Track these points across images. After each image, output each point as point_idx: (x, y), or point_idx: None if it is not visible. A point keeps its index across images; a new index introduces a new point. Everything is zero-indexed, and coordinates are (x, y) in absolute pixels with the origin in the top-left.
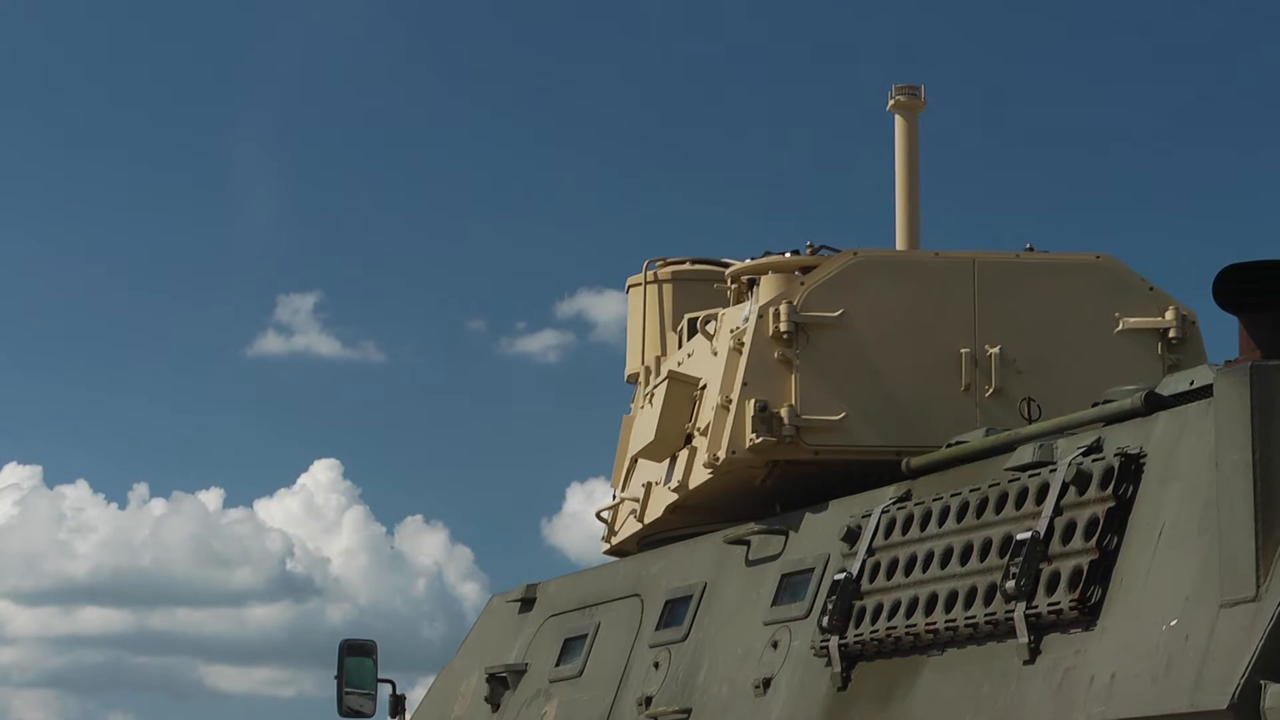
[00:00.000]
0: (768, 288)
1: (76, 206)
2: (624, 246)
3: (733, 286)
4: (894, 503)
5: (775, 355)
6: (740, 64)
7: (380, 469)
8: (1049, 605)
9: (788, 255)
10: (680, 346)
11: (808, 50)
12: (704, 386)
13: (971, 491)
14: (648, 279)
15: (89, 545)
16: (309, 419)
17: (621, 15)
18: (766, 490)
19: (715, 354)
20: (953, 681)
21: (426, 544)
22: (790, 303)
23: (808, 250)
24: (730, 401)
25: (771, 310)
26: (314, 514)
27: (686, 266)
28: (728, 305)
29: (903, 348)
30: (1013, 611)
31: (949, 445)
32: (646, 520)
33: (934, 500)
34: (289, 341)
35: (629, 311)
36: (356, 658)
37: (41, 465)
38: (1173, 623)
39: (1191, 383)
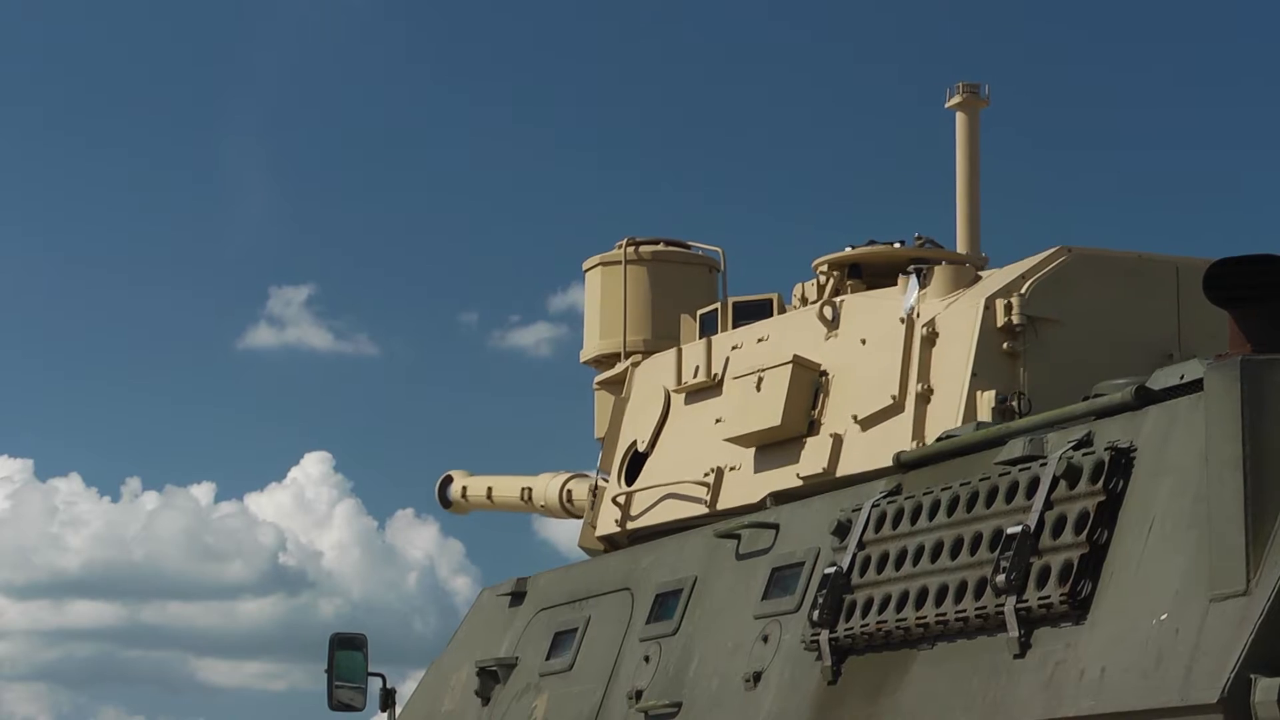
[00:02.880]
0: (942, 278)
1: (68, 199)
2: (618, 240)
3: (834, 274)
4: (884, 496)
5: (1004, 347)
6: (749, 58)
7: (372, 462)
8: (1039, 599)
9: (897, 245)
10: (714, 331)
11: (815, 44)
12: (824, 372)
13: (962, 485)
14: (629, 258)
15: (81, 539)
16: (301, 412)
17: (624, 7)
18: None
19: (863, 342)
20: (943, 675)
21: (418, 538)
22: (1021, 295)
23: (916, 242)
24: (930, 391)
25: (1001, 303)
26: (305, 508)
27: (661, 248)
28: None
29: (1114, 347)
30: (1003, 605)
31: (939, 439)
32: (721, 506)
33: (924, 494)
34: (281, 334)
35: (599, 292)
36: (347, 651)
37: (33, 459)
38: (1163, 617)
39: (1182, 377)
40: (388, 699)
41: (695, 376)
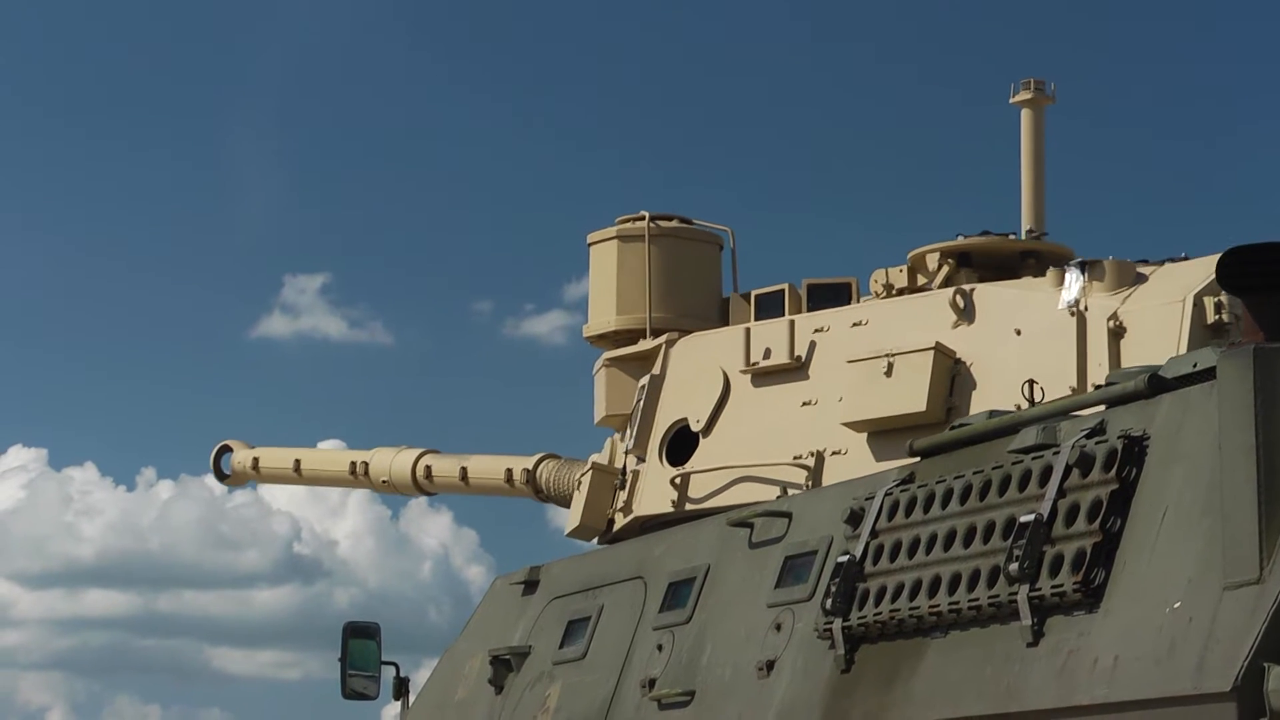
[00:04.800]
0: (1111, 274)
1: (80, 191)
2: (618, 216)
3: (946, 262)
4: (897, 485)
5: (1210, 345)
6: (785, 48)
7: None
8: (1052, 587)
9: (1011, 236)
10: (777, 312)
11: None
12: (960, 361)
13: (975, 474)
14: (651, 232)
15: (95, 528)
16: (314, 401)
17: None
18: None
19: (1017, 332)
20: (956, 663)
21: (432, 526)
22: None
23: (1027, 234)
24: None
25: (1211, 301)
26: (319, 497)
27: (676, 224)
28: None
29: None
30: (1016, 594)
31: (953, 428)
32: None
33: (937, 482)
34: (295, 322)
35: (614, 266)
36: (360, 640)
37: (47, 448)
38: (1176, 605)
39: (1195, 365)
40: (401, 687)
41: (768, 358)
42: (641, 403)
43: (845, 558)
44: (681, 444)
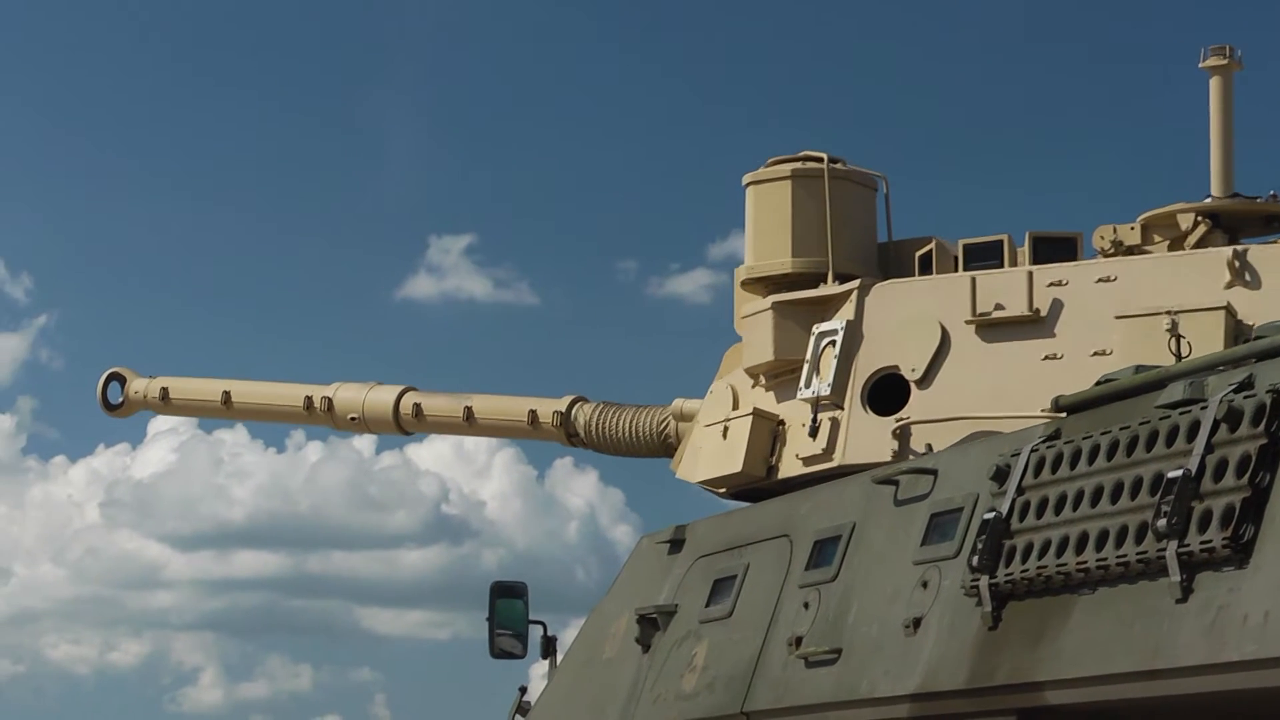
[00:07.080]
0: None
1: (227, 152)
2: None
3: (1202, 222)
4: (1043, 441)
5: None
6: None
7: None
8: (1201, 544)
9: (1259, 200)
10: (993, 262)
11: None
12: (1242, 321)
13: (1121, 429)
14: (831, 174)
15: (246, 490)
16: (460, 361)
17: None
18: None
19: None
20: (1104, 621)
21: (578, 486)
22: None
23: (1270, 198)
24: None
25: None
26: (465, 458)
27: (842, 166)
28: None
29: None
30: (1164, 550)
31: (1098, 383)
32: None
33: (1084, 439)
34: (441, 283)
35: (789, 206)
36: (507, 599)
37: None
38: None
39: None
40: (548, 646)
41: (1000, 310)
42: (835, 349)
43: (992, 514)
44: (884, 392)
